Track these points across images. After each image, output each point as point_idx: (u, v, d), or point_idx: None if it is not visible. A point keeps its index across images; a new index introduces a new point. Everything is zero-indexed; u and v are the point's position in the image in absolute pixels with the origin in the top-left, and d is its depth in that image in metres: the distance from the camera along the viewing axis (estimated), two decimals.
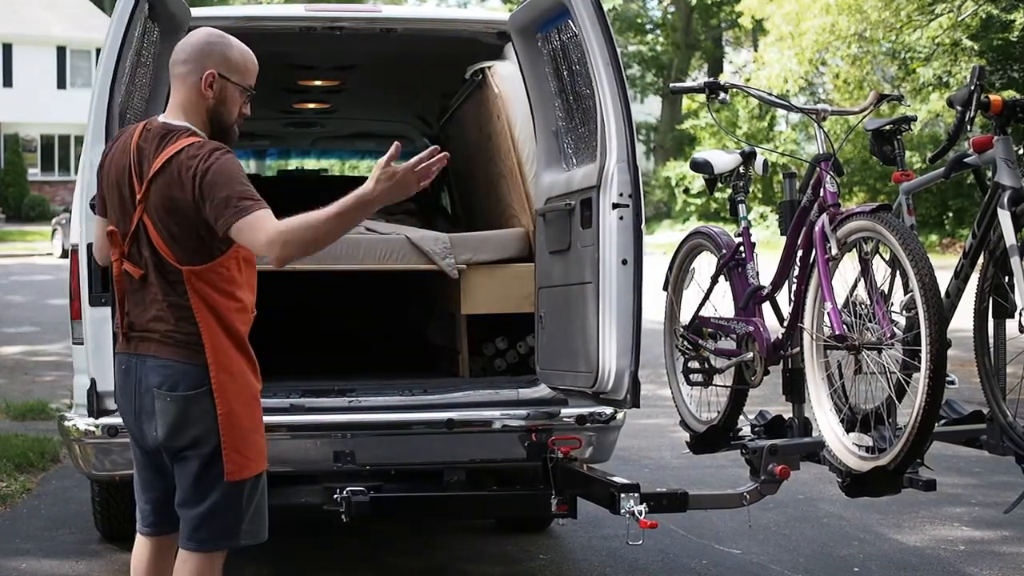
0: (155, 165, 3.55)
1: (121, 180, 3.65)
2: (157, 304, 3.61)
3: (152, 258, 3.60)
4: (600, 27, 4.78)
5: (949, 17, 22.82)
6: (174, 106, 3.69)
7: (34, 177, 45.92)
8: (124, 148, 3.68)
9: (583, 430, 5.27)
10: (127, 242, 3.64)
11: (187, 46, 3.68)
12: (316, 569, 5.73)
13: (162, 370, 3.60)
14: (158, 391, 3.60)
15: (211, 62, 3.63)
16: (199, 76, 3.63)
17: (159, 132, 3.63)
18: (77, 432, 5.11)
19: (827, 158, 4.56)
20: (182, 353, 3.59)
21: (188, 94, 3.65)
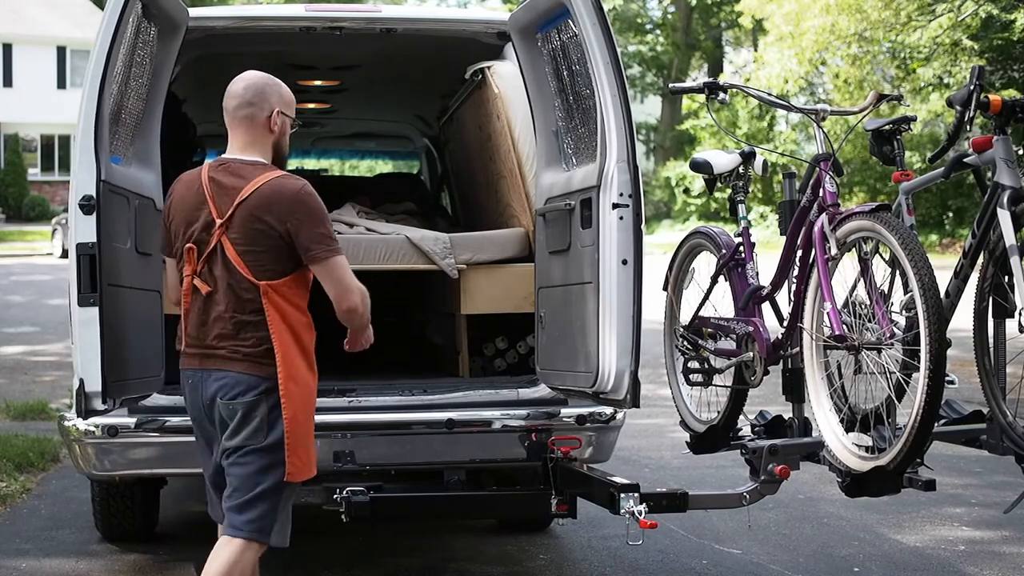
0: (245, 191, 3.97)
1: (195, 211, 4.04)
2: (222, 321, 4.01)
3: (225, 276, 4.00)
4: (600, 27, 4.78)
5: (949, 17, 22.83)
6: (242, 144, 4.11)
7: (34, 177, 45.91)
8: (190, 187, 4.09)
9: (583, 430, 5.27)
10: (201, 261, 4.02)
11: (248, 91, 4.11)
12: (316, 569, 5.73)
13: (223, 380, 4.00)
14: (220, 401, 4.00)
15: (274, 101, 4.12)
16: (265, 116, 4.10)
17: (240, 164, 4.06)
18: (77, 432, 5.11)
19: (827, 158, 4.56)
20: (243, 366, 3.98)
21: (257, 132, 4.11)
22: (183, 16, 5.20)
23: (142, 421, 5.04)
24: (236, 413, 3.97)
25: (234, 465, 4.00)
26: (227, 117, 4.15)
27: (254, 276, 3.97)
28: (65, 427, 5.20)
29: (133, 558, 5.92)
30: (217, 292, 4.00)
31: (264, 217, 3.95)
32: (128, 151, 5.04)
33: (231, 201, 3.98)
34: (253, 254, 3.97)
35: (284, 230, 3.96)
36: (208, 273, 4.02)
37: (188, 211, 4.06)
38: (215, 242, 3.99)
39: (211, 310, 4.02)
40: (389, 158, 13.97)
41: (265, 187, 3.98)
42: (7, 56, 46.13)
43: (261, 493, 3.98)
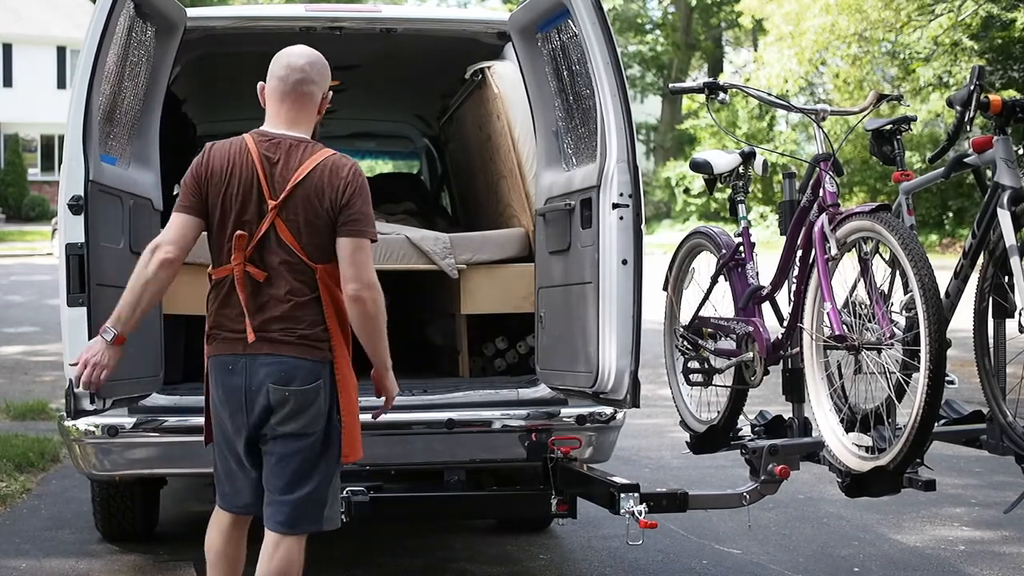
0: (301, 172, 3.87)
1: (245, 190, 3.90)
2: (278, 305, 3.89)
3: (281, 260, 3.89)
4: (600, 27, 4.78)
5: (949, 17, 22.83)
6: (289, 119, 3.98)
7: (34, 177, 45.90)
8: (239, 161, 3.92)
9: (583, 430, 5.27)
10: (251, 247, 3.89)
11: (314, 67, 4.02)
12: (316, 569, 5.73)
13: (276, 366, 3.88)
14: (273, 386, 3.88)
15: (328, 83, 4.08)
16: (321, 95, 4.04)
17: (290, 143, 3.93)
18: (77, 432, 5.11)
19: (827, 158, 4.56)
20: (297, 350, 3.89)
21: (309, 110, 4.01)
22: (180, 16, 5.19)
23: (142, 421, 5.04)
24: (289, 400, 3.87)
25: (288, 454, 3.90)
26: (280, 87, 3.98)
27: (310, 259, 3.89)
28: (65, 427, 5.20)
29: (133, 558, 5.92)
30: (272, 276, 3.89)
31: (321, 198, 3.87)
32: (125, 151, 5.03)
33: (285, 181, 3.88)
34: (308, 236, 3.88)
35: (338, 207, 3.87)
36: (260, 259, 3.90)
37: (238, 187, 3.90)
38: (268, 225, 3.88)
39: (265, 293, 3.90)
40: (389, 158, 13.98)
41: (321, 166, 3.89)
42: (7, 56, 46.13)
43: (313, 490, 3.94)
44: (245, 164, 3.92)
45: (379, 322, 3.95)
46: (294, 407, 3.89)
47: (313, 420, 3.91)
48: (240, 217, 3.91)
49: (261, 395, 3.89)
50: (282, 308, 3.89)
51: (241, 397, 3.92)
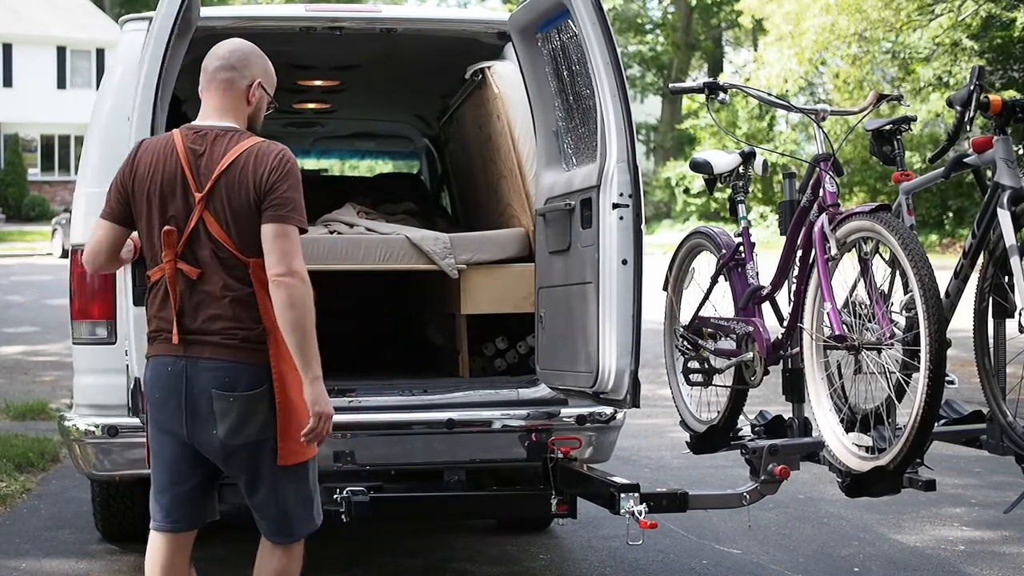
0: (224, 161, 3.71)
1: (170, 186, 3.74)
2: (215, 303, 3.72)
3: (212, 255, 3.72)
4: (600, 27, 4.78)
5: (949, 17, 22.83)
6: (216, 109, 3.85)
7: (34, 177, 45.92)
8: (164, 156, 3.78)
9: (583, 430, 5.27)
10: (182, 243, 3.72)
11: (233, 55, 3.88)
12: (316, 569, 5.73)
13: (219, 372, 3.71)
14: (217, 392, 3.70)
15: (256, 72, 3.89)
16: (246, 84, 3.86)
17: (216, 133, 3.78)
18: (77, 432, 5.11)
19: (827, 158, 4.56)
20: (239, 354, 3.71)
21: (233, 99, 3.85)
22: (197, 16, 5.20)
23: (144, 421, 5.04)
24: (234, 407, 3.68)
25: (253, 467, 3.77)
26: (205, 78, 3.87)
27: (241, 252, 3.70)
28: (65, 427, 5.21)
29: (133, 558, 5.92)
30: (205, 272, 3.71)
31: (246, 186, 3.68)
32: None
33: (210, 172, 3.71)
34: (238, 228, 3.69)
35: (261, 193, 3.68)
36: (191, 255, 3.72)
37: (162, 183, 3.74)
38: (196, 219, 3.70)
39: (200, 291, 3.72)
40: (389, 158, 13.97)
41: (245, 153, 3.72)
42: (7, 56, 46.14)
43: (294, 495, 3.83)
44: (170, 158, 3.76)
45: (303, 315, 3.65)
46: (240, 414, 3.70)
47: (263, 426, 3.73)
48: (166, 213, 3.75)
49: (203, 400, 3.72)
50: (220, 305, 3.71)
51: (181, 400, 3.74)
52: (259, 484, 3.82)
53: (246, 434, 3.73)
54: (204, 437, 3.75)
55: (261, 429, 3.73)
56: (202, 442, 3.77)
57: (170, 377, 3.76)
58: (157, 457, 3.89)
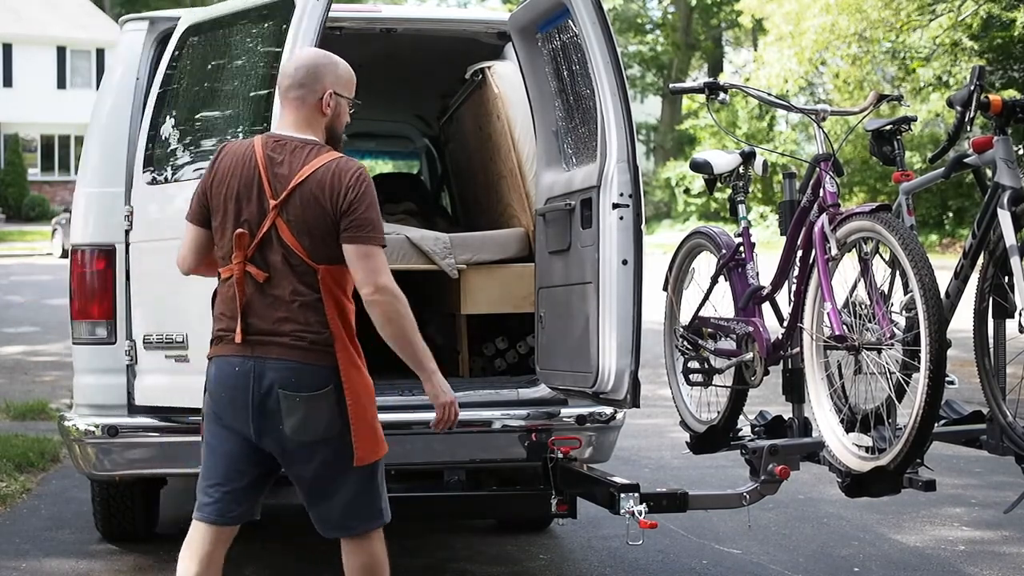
0: (302, 173, 3.83)
1: (246, 190, 3.88)
2: (284, 306, 3.84)
3: (283, 260, 3.84)
4: (600, 27, 4.78)
5: (949, 17, 22.83)
6: (292, 122, 3.96)
7: (34, 177, 45.92)
8: (243, 161, 3.91)
9: (583, 430, 5.27)
10: (252, 246, 3.85)
11: (299, 71, 3.96)
12: (316, 569, 5.73)
13: (286, 372, 3.82)
14: (283, 392, 3.81)
15: (327, 83, 3.95)
16: (318, 98, 3.94)
17: (295, 144, 3.90)
18: (77, 432, 5.11)
19: (827, 158, 4.56)
20: (307, 356, 3.83)
21: (307, 113, 3.95)
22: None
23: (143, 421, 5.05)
24: (300, 406, 3.80)
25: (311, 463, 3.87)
26: (279, 93, 4.03)
27: (312, 259, 3.84)
28: (65, 427, 5.21)
29: (133, 558, 5.92)
30: (274, 277, 3.84)
31: (322, 201, 3.82)
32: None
33: (287, 181, 3.84)
34: (310, 237, 3.83)
35: (339, 213, 3.82)
36: (262, 259, 3.85)
37: (238, 187, 3.89)
38: (269, 225, 3.84)
39: (269, 295, 3.85)
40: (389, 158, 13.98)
41: (322, 169, 3.84)
42: (7, 56, 46.14)
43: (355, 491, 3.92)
44: (248, 164, 3.91)
45: (401, 326, 3.95)
46: (304, 414, 3.82)
47: (328, 424, 3.84)
48: (240, 216, 3.88)
49: (270, 400, 3.83)
50: (289, 309, 3.84)
51: (248, 398, 3.84)
52: (322, 482, 3.91)
53: (312, 432, 3.84)
54: (271, 435, 3.86)
55: (327, 428, 3.84)
56: (268, 440, 3.87)
57: (238, 376, 3.86)
58: (214, 453, 3.97)
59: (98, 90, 5.64)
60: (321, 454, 3.87)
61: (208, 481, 3.97)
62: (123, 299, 5.15)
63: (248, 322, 3.85)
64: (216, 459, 3.96)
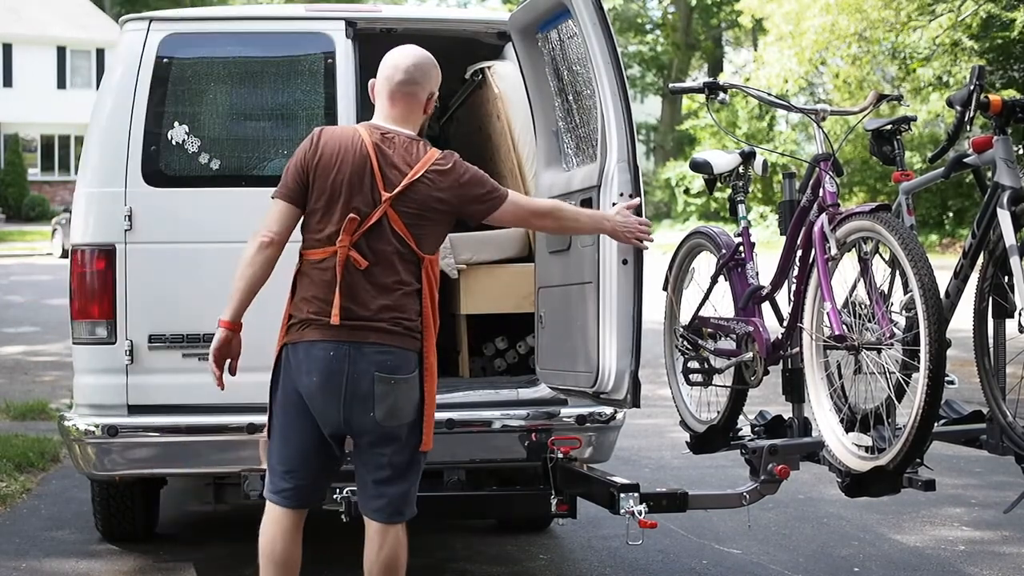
0: (416, 170, 4.02)
1: (358, 177, 4.00)
2: (387, 293, 3.97)
3: (390, 249, 3.98)
4: (600, 27, 4.78)
5: (949, 17, 22.84)
6: (396, 116, 4.14)
7: (34, 177, 45.92)
8: (352, 148, 4.03)
9: (583, 430, 5.27)
10: (359, 233, 3.96)
11: (418, 69, 4.15)
12: (316, 569, 5.73)
13: (384, 356, 3.96)
14: (379, 375, 3.94)
15: (434, 84, 4.20)
16: (426, 96, 4.17)
17: (404, 140, 4.09)
18: (77, 432, 5.11)
19: (826, 158, 4.56)
20: (404, 341, 3.99)
21: (414, 109, 4.16)
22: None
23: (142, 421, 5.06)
24: (393, 390, 3.94)
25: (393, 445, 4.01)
26: (386, 87, 4.13)
27: (420, 249, 4.01)
28: (65, 427, 5.20)
29: (133, 558, 5.92)
30: (378, 265, 3.97)
31: (438, 196, 4.02)
32: None
33: (400, 175, 4.00)
34: (420, 227, 4.01)
35: (456, 204, 4.06)
36: (366, 246, 3.97)
37: (347, 174, 4.00)
38: (380, 214, 3.97)
39: (371, 282, 3.96)
40: None
41: (435, 165, 4.05)
42: (7, 56, 46.14)
43: (419, 471, 4.11)
44: (359, 152, 4.02)
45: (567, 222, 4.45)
46: (397, 396, 3.96)
47: (413, 409, 4.02)
48: (349, 203, 3.98)
49: (363, 383, 3.93)
50: (391, 296, 3.97)
51: (341, 383, 3.94)
52: (393, 466, 4.04)
53: (401, 416, 3.99)
54: (361, 419, 3.97)
55: (414, 411, 4.02)
56: (357, 424, 3.99)
57: (332, 361, 3.95)
58: (291, 441, 4.08)
59: (98, 90, 5.64)
60: (400, 439, 4.02)
61: (284, 467, 4.10)
62: (123, 299, 5.15)
63: (346, 307, 3.93)
64: (291, 446, 4.08)
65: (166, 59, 5.28)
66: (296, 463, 4.09)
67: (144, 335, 5.14)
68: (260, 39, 5.53)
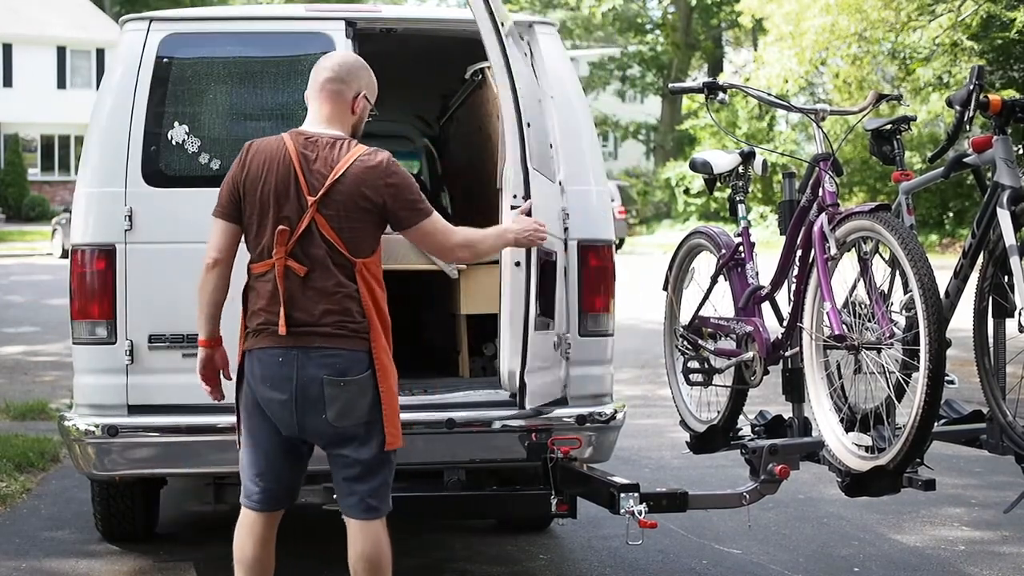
0: (338, 169, 4.01)
1: (283, 187, 4.03)
2: (327, 297, 4.01)
3: (323, 254, 4.01)
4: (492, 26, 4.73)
5: (949, 17, 22.84)
6: (322, 118, 4.15)
7: (34, 177, 45.91)
8: (276, 158, 4.05)
9: (583, 430, 5.27)
10: (292, 241, 4.00)
11: (342, 67, 4.18)
12: (316, 569, 5.73)
13: (331, 359, 4.00)
14: (328, 379, 3.99)
15: (362, 84, 4.19)
16: (352, 95, 4.16)
17: (327, 141, 4.08)
18: (77, 432, 5.11)
19: (826, 158, 4.56)
20: (351, 343, 4.02)
21: (339, 109, 4.15)
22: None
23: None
24: (344, 392, 3.98)
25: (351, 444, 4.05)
26: (313, 88, 4.18)
27: (350, 253, 4.02)
28: (65, 427, 5.20)
29: (133, 558, 5.92)
30: (316, 270, 4.01)
31: (362, 192, 4.01)
32: None
33: (323, 177, 4.00)
34: (349, 231, 4.01)
35: (380, 202, 4.03)
36: (302, 253, 4.01)
37: (273, 184, 4.03)
38: (308, 220, 4.00)
39: (311, 287, 4.01)
40: None
41: (357, 163, 4.02)
42: (7, 56, 46.14)
43: (388, 467, 4.13)
44: (283, 161, 4.05)
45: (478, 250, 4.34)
46: (349, 398, 4.00)
47: (369, 408, 4.04)
48: (279, 213, 4.02)
49: (313, 387, 3.99)
50: (330, 300, 4.01)
51: (292, 387, 4.01)
52: (359, 464, 4.08)
53: (354, 417, 4.02)
54: (314, 422, 4.03)
55: (368, 411, 4.04)
56: (311, 427, 4.05)
57: (282, 367, 4.02)
58: (258, 445, 4.16)
59: (98, 90, 5.64)
60: (358, 438, 4.05)
61: (253, 470, 4.17)
62: (123, 299, 5.15)
63: (291, 314, 4.00)
64: (258, 450, 4.15)
65: (166, 59, 5.28)
66: (263, 466, 4.16)
67: (144, 335, 5.14)
68: (260, 39, 5.53)
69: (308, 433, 4.08)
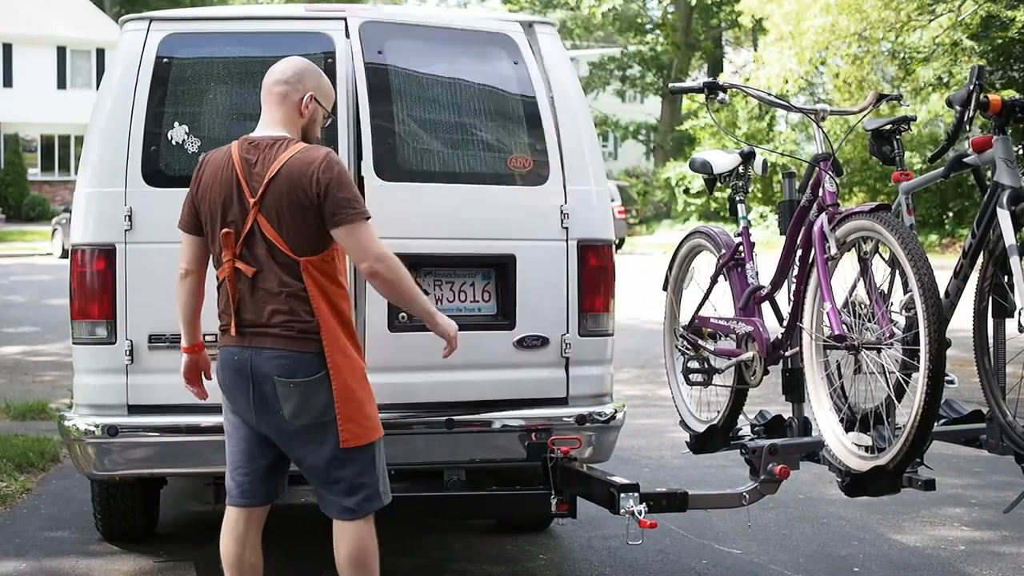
0: (273, 168, 4.03)
1: (227, 193, 4.09)
2: (273, 298, 4.05)
3: (267, 255, 4.05)
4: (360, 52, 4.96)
5: (949, 17, 22.85)
6: (271, 121, 4.18)
7: (34, 177, 45.91)
8: (222, 166, 4.12)
9: (583, 430, 5.27)
10: (239, 243, 4.06)
11: (287, 71, 4.21)
12: (316, 569, 5.73)
13: (280, 360, 4.04)
14: (279, 379, 4.03)
15: (309, 86, 4.20)
16: (299, 97, 4.18)
17: (268, 143, 4.11)
18: (77, 432, 5.11)
19: (826, 158, 4.56)
20: (297, 344, 4.03)
21: (287, 111, 4.17)
22: None
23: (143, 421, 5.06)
24: (295, 392, 4.02)
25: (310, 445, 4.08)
26: (262, 93, 4.23)
27: (293, 252, 4.02)
28: (65, 427, 5.20)
29: (133, 558, 5.92)
30: (263, 271, 4.05)
31: (296, 190, 4.01)
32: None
33: (262, 178, 4.04)
34: (290, 230, 4.03)
35: (314, 196, 4.00)
36: (249, 254, 4.07)
37: (220, 192, 4.11)
38: (251, 222, 4.04)
39: (259, 288, 4.06)
40: None
41: (292, 160, 4.03)
42: (7, 56, 46.13)
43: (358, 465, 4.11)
44: (227, 169, 4.12)
45: (402, 286, 4.11)
46: (300, 399, 4.03)
47: (324, 409, 4.04)
48: (226, 218, 4.10)
49: (267, 386, 4.05)
50: (277, 300, 4.05)
51: (248, 386, 4.08)
52: (323, 464, 4.10)
53: (309, 415, 4.04)
54: (270, 420, 4.09)
55: (323, 411, 4.04)
56: (269, 425, 4.11)
57: (237, 366, 4.11)
58: (232, 438, 4.26)
59: (98, 90, 5.64)
60: (319, 437, 4.07)
61: (232, 464, 4.26)
62: (123, 299, 5.15)
63: (241, 316, 4.09)
64: (235, 445, 4.24)
65: (166, 59, 5.28)
66: (240, 459, 4.24)
67: (144, 335, 5.14)
68: (260, 39, 5.53)
69: (269, 430, 4.13)
